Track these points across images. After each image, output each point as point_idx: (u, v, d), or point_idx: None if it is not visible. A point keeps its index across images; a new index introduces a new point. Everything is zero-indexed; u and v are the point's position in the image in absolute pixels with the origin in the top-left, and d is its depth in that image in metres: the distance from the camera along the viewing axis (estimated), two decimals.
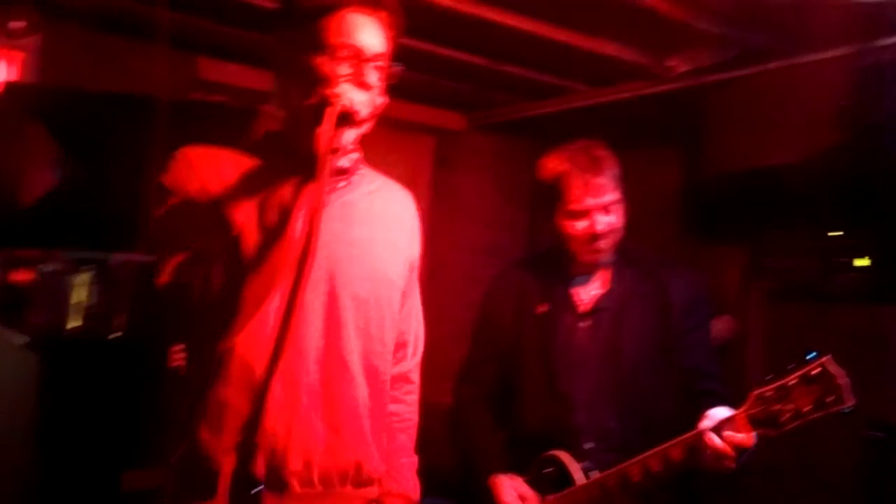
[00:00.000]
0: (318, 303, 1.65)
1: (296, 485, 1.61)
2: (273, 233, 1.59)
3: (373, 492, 1.75)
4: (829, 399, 1.75)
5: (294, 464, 1.61)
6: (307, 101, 1.59)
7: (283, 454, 1.60)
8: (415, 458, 1.90)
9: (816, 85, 3.13)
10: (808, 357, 1.82)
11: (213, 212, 1.59)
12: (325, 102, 1.55)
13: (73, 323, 2.93)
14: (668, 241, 3.82)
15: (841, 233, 3.77)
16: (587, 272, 2.29)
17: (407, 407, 1.89)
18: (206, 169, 1.64)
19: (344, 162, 1.71)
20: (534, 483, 2.21)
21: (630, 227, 2.27)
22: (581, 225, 2.19)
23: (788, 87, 3.23)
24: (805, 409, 1.77)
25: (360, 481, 1.70)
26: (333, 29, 1.59)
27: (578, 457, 2.16)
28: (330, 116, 1.53)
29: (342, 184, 1.72)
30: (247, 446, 1.45)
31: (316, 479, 1.63)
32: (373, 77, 1.61)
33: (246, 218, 1.61)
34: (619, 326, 2.21)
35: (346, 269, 1.68)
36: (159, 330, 3.31)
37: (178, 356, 3.35)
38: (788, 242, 3.96)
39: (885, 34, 2.87)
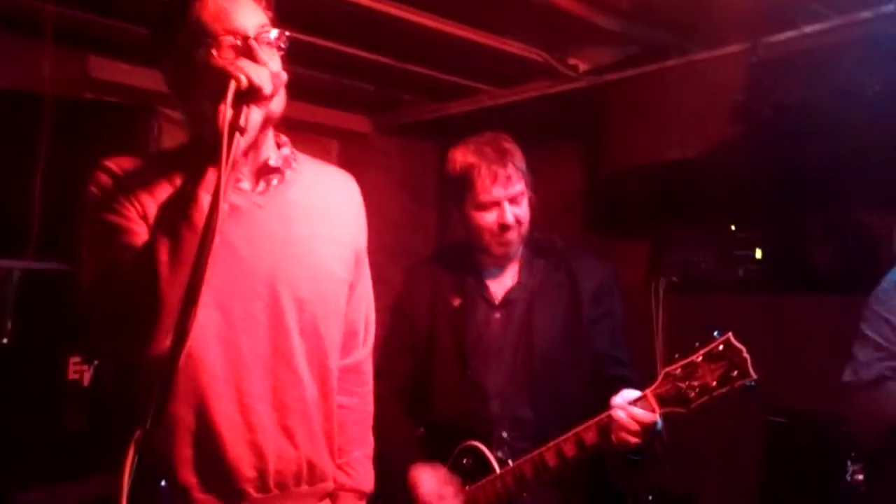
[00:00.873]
0: (261, 307, 1.61)
1: (252, 492, 1.60)
2: (179, 224, 1.50)
3: (328, 487, 1.74)
4: (733, 374, 1.81)
5: (248, 471, 1.59)
6: (207, 93, 1.49)
7: (237, 464, 1.58)
8: (369, 448, 1.88)
9: (713, 80, 3.23)
10: (711, 337, 1.87)
11: (133, 222, 1.53)
12: (222, 81, 1.47)
13: None
14: (572, 237, 3.87)
15: (737, 226, 3.90)
16: (499, 264, 2.30)
17: (359, 399, 1.87)
18: (130, 179, 1.57)
19: (273, 159, 1.67)
20: (454, 473, 2.20)
21: (535, 224, 2.29)
22: (490, 217, 2.20)
23: (686, 83, 3.32)
24: (711, 385, 1.82)
25: (314, 479, 1.69)
26: (208, 16, 1.54)
27: (494, 446, 2.17)
28: (230, 91, 1.46)
29: (276, 182, 1.68)
30: (201, 459, 1.45)
31: (271, 483, 1.62)
32: (264, 51, 1.55)
33: (168, 222, 1.52)
34: (531, 316, 2.23)
35: (288, 269, 1.64)
36: (54, 339, 3.15)
37: (77, 368, 3.17)
38: (688, 236, 4.07)
39: (778, 30, 2.98)
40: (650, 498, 3.23)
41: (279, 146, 1.73)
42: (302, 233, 1.68)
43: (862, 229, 3.67)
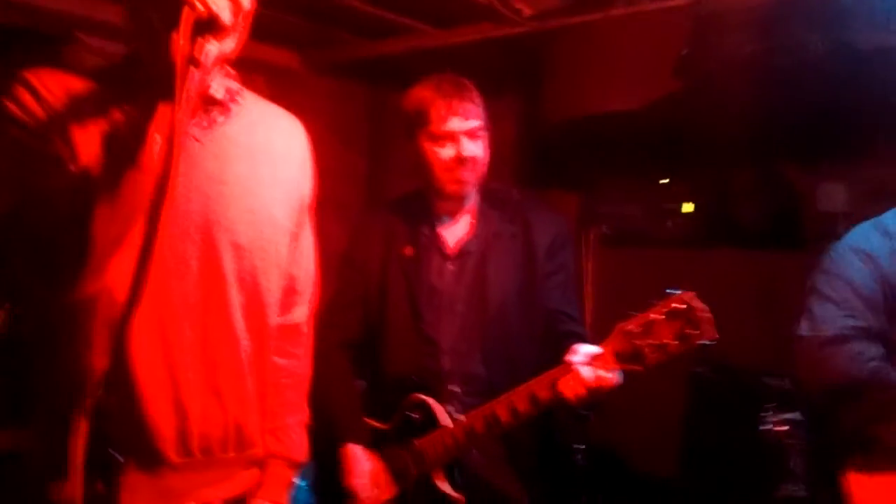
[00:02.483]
0: (193, 251, 1.47)
1: (172, 455, 1.46)
2: (123, 162, 1.36)
3: (256, 454, 1.61)
4: (692, 332, 1.77)
5: (168, 432, 1.45)
6: (160, 13, 1.35)
7: (156, 423, 1.44)
8: (305, 416, 1.76)
9: (658, 33, 3.20)
10: (669, 293, 1.84)
11: (56, 145, 1.36)
12: (178, 6, 1.34)
13: None
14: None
15: (668, 180, 3.94)
16: (452, 211, 2.23)
17: (296, 361, 1.75)
18: (54, 96, 1.39)
19: (217, 91, 1.51)
20: (399, 427, 2.16)
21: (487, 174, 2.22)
22: (446, 151, 2.13)
23: (631, 34, 3.28)
24: (670, 343, 1.78)
25: (243, 445, 1.57)
26: None
27: (444, 400, 2.13)
28: (186, 19, 1.32)
29: (218, 117, 1.53)
30: (103, 412, 1.28)
31: (195, 447, 1.48)
32: None
33: (93, 150, 1.38)
34: (485, 269, 2.18)
35: (225, 212, 1.50)
36: None
37: None
38: (620, 189, 4.10)
39: None
40: (581, 451, 3.27)
41: (228, 78, 1.57)
42: (242, 173, 1.54)
43: (787, 186, 3.76)
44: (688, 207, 3.85)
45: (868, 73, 2.83)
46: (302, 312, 1.75)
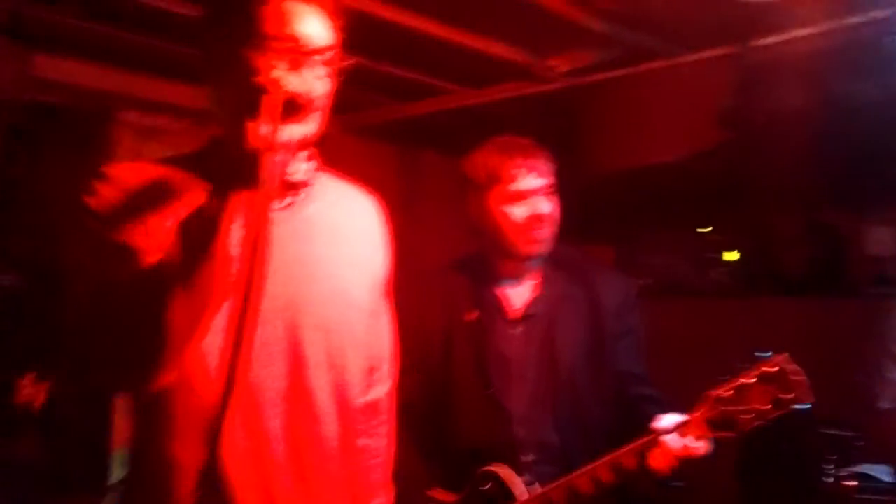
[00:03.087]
0: (278, 335, 1.44)
1: None
2: (199, 251, 1.35)
3: None
4: (787, 397, 1.73)
5: None
6: (241, 95, 1.35)
7: None
8: (390, 497, 1.72)
9: (698, 85, 3.19)
10: (760, 356, 1.80)
11: (133, 236, 1.33)
12: (260, 91, 1.32)
13: None
14: None
15: (710, 229, 3.90)
16: (516, 274, 2.18)
17: (380, 440, 1.71)
18: (132, 188, 1.37)
19: (298, 173, 1.50)
20: (470, 500, 2.07)
21: None
22: (520, 210, 2.08)
23: (669, 87, 3.28)
24: (765, 409, 1.74)
25: None
26: (269, 19, 1.38)
27: (518, 471, 2.05)
28: (266, 104, 1.31)
29: (298, 198, 1.51)
30: None
31: None
32: (318, 70, 1.41)
33: (169, 240, 1.35)
34: (553, 332, 2.12)
35: (307, 294, 1.48)
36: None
37: (29, 390, 2.93)
38: (660, 240, 4.06)
39: (767, 34, 2.95)
40: None
41: (307, 159, 1.57)
42: (323, 254, 1.53)
43: (832, 231, 3.72)
44: (730, 256, 3.81)
45: None
46: (382, 390, 1.72)
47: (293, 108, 1.35)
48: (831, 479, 2.91)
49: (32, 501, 2.87)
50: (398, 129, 4.33)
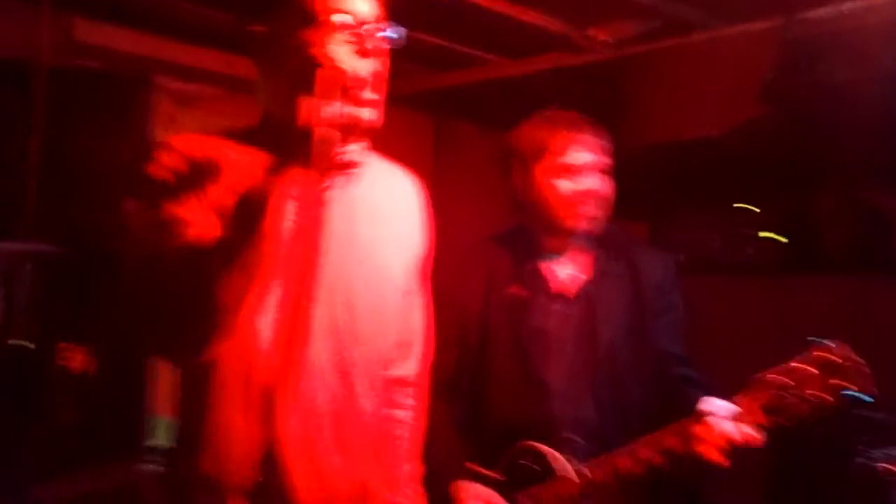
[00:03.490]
0: (327, 312, 1.47)
1: None
2: (257, 226, 1.37)
3: None
4: (849, 387, 1.68)
5: (303, 491, 1.44)
6: (299, 77, 1.36)
7: (293, 482, 1.43)
8: (418, 466, 1.75)
9: (740, 58, 3.13)
10: (815, 342, 1.75)
11: (191, 208, 1.35)
12: (320, 72, 1.33)
13: None
14: None
15: (748, 206, 3.84)
16: (559, 249, 2.15)
17: (407, 412, 1.74)
18: (192, 160, 1.38)
19: (353, 153, 1.50)
20: (508, 474, 2.06)
21: None
22: (567, 184, 2.05)
23: (711, 60, 3.22)
24: (825, 398, 1.68)
25: (367, 500, 1.56)
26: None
27: (555, 447, 2.03)
28: (323, 83, 1.31)
29: (346, 178, 1.52)
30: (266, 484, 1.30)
31: None
32: (370, 45, 1.42)
33: (224, 214, 1.37)
34: (594, 308, 2.09)
35: (352, 272, 1.51)
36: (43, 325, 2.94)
37: (69, 355, 2.98)
38: (696, 216, 4.00)
39: (813, 7, 2.88)
40: None
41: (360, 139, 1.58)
42: (367, 233, 1.56)
43: (875, 210, 3.64)
44: (769, 233, 3.75)
45: None
46: (412, 366, 1.75)
47: (349, 87, 1.35)
48: (867, 460, 2.88)
49: (71, 465, 2.93)
50: (435, 100, 4.29)
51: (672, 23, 3.18)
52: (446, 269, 2.29)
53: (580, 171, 2.05)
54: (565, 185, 2.06)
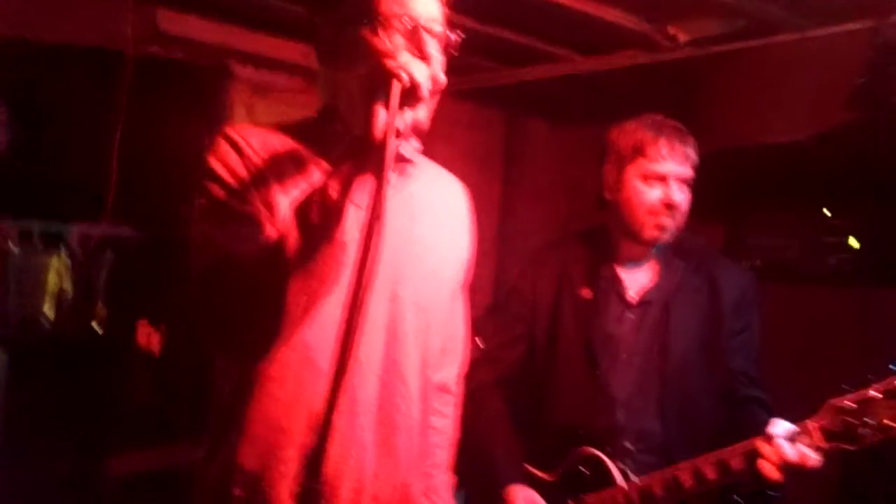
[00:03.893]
0: (381, 309, 1.47)
1: None
2: (319, 232, 1.37)
3: None
4: None
5: (346, 492, 1.44)
6: (362, 77, 1.38)
7: (337, 483, 1.43)
8: (451, 476, 1.75)
9: (828, 61, 3.01)
10: (892, 367, 1.69)
11: (256, 207, 1.38)
12: (386, 76, 1.32)
13: (48, 314, 2.62)
14: None
15: (831, 213, 3.70)
16: (638, 256, 2.13)
17: (446, 420, 1.74)
18: (256, 155, 1.41)
19: (408, 151, 1.51)
20: (566, 479, 2.06)
21: None
22: (654, 192, 2.04)
23: (797, 63, 3.10)
24: (891, 426, 1.64)
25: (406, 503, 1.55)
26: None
27: (615, 456, 2.02)
28: (394, 92, 1.30)
29: (405, 177, 1.54)
30: (311, 485, 1.30)
31: None
32: (433, 48, 1.41)
33: (289, 214, 1.37)
34: (667, 320, 2.06)
35: (410, 270, 1.51)
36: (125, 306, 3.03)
37: (147, 335, 3.06)
38: (775, 221, 3.88)
39: None
40: None
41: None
42: (423, 232, 1.56)
43: None
44: (853, 243, 3.61)
45: None
46: (452, 373, 1.75)
47: (414, 94, 1.34)
48: None
49: (145, 443, 3.02)
50: (506, 95, 4.25)
51: (756, 22, 3.07)
52: (519, 264, 2.28)
53: (668, 181, 2.03)
54: (650, 192, 2.04)
